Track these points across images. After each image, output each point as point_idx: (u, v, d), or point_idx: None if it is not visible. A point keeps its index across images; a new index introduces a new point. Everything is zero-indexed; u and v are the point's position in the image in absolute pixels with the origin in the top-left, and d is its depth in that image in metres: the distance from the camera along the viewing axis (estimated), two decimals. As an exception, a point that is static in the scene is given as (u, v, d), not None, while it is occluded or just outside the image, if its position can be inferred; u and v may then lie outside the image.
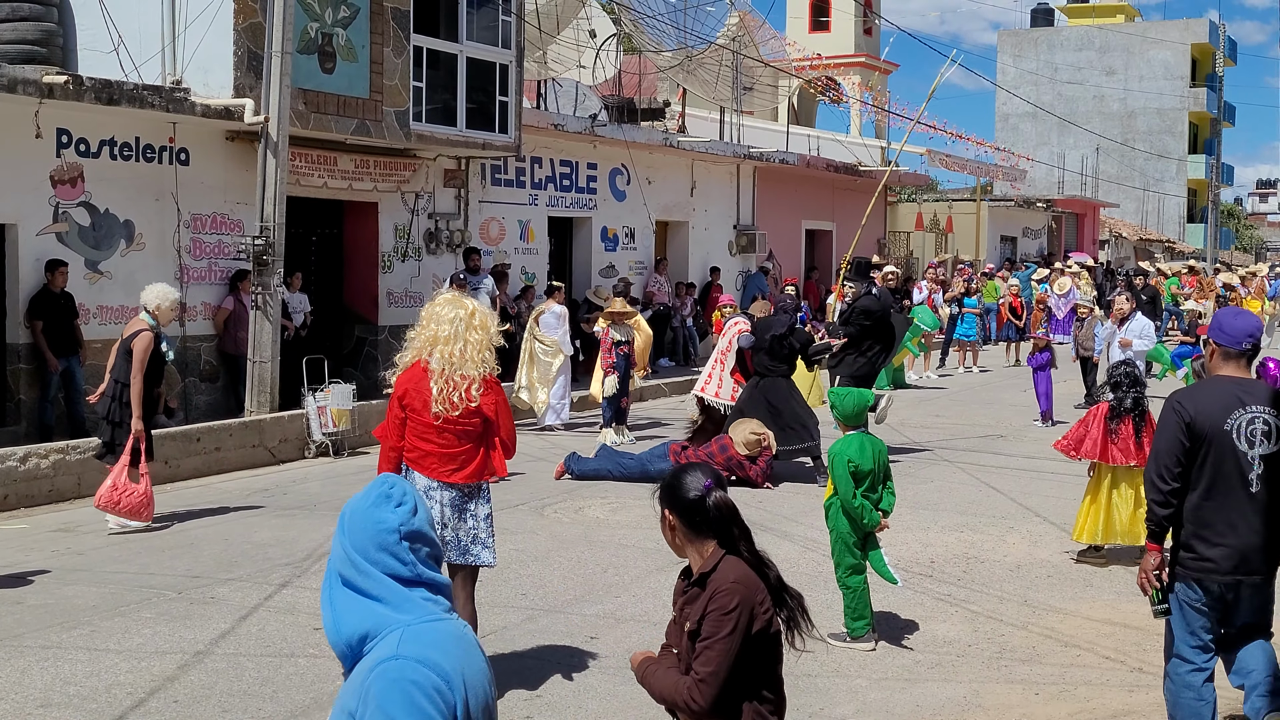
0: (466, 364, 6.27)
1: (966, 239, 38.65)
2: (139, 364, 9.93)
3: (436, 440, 6.31)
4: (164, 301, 10.27)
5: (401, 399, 6.37)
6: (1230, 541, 5.28)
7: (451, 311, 6.32)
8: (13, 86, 12.46)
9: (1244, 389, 5.39)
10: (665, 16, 25.40)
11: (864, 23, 51.27)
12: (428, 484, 6.32)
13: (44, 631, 7.45)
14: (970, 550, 9.78)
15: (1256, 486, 5.29)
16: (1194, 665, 5.41)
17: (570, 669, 6.92)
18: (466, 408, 6.28)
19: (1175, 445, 5.32)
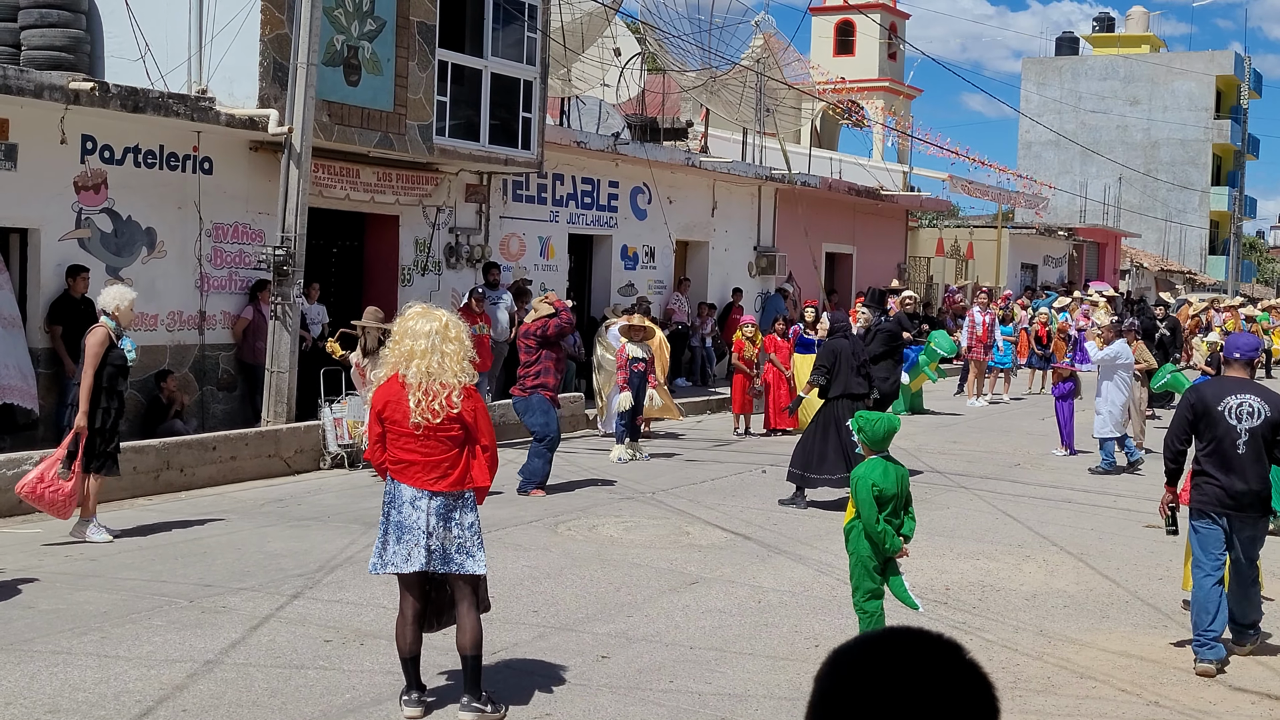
0: (445, 374, 6.31)
1: (987, 265, 38.57)
2: (90, 359, 9.82)
3: (419, 450, 6.34)
4: (122, 302, 10.12)
5: (381, 413, 6.42)
6: (1223, 484, 7.63)
7: (426, 324, 6.36)
8: (39, 92, 12.52)
9: (1239, 384, 7.84)
10: (690, 37, 25.42)
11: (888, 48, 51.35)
12: (414, 494, 6.34)
13: (54, 637, 7.43)
14: (986, 578, 9.70)
15: (1243, 449, 7.62)
16: (1206, 571, 7.69)
17: (581, 687, 6.87)
18: (448, 414, 6.32)
19: (1183, 420, 7.84)
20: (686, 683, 7.03)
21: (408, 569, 6.31)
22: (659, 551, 10.28)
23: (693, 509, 12.09)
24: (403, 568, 6.32)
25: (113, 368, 10.00)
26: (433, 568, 6.33)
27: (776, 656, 7.57)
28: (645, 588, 9.07)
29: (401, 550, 6.31)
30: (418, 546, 6.28)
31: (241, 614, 8.03)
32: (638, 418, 15.35)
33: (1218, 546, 7.71)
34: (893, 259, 32.80)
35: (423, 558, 6.28)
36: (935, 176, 36.51)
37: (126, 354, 10.12)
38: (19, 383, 12.95)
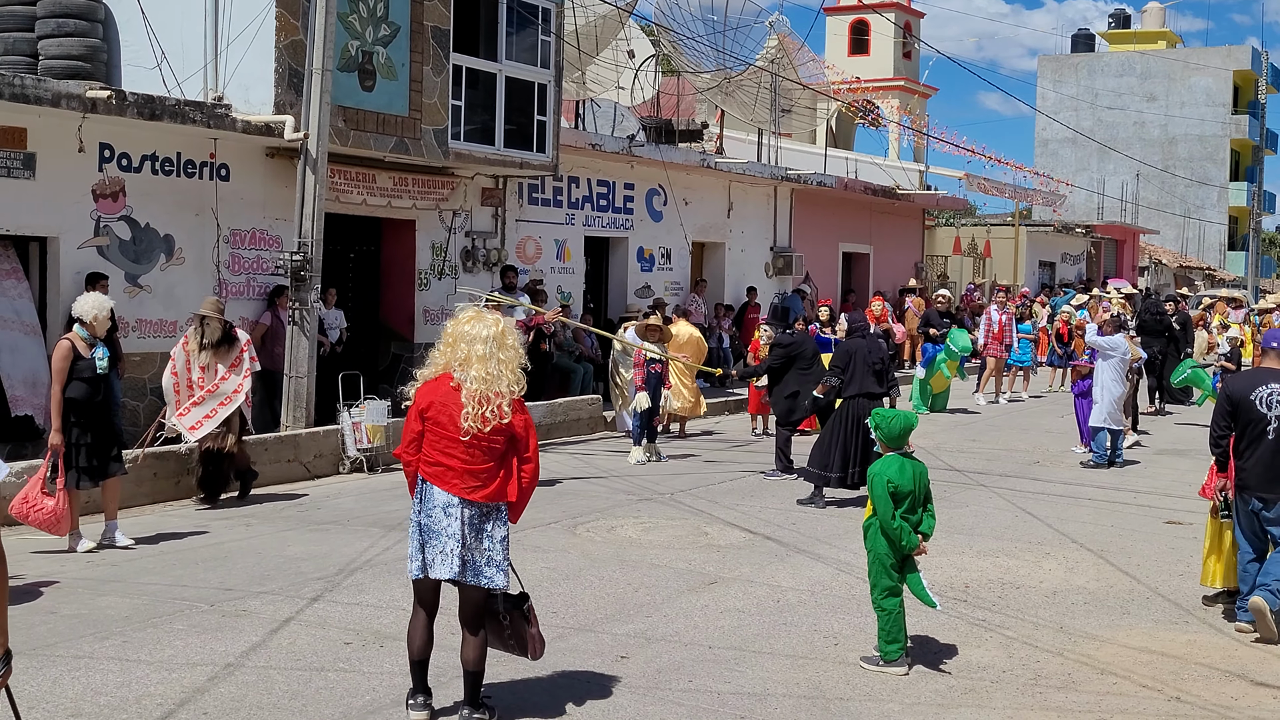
0: (500, 382, 6.18)
1: (1005, 264, 38.47)
2: (57, 373, 9.64)
3: (461, 456, 6.18)
4: (100, 312, 9.91)
5: (424, 411, 6.23)
6: (1257, 470, 8.28)
7: (485, 330, 6.23)
8: (57, 101, 12.59)
9: (1272, 374, 8.40)
10: (704, 38, 25.43)
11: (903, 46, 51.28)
12: (447, 500, 6.19)
13: (76, 641, 7.46)
14: (1006, 575, 9.68)
15: (1272, 435, 8.26)
16: (1246, 549, 8.46)
17: (600, 688, 6.88)
18: (498, 424, 6.17)
19: (1221, 411, 8.47)
20: (706, 682, 7.03)
21: (433, 575, 6.21)
22: (678, 552, 10.29)
23: (711, 509, 12.09)
24: (432, 573, 6.20)
25: (82, 379, 9.74)
26: (466, 578, 6.21)
27: (796, 655, 7.56)
28: (664, 588, 9.07)
29: (430, 555, 6.20)
30: (449, 554, 6.15)
31: (262, 617, 8.06)
32: (655, 419, 15.34)
33: (1256, 527, 8.39)
34: (910, 258, 32.75)
35: (457, 566, 6.15)
36: (952, 175, 36.43)
37: (98, 363, 9.83)
38: (26, 393, 13.05)
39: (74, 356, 9.69)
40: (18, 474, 10.93)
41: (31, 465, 11.06)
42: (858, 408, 12.26)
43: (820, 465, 12.43)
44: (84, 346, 9.78)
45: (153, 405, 14.14)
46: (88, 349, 9.79)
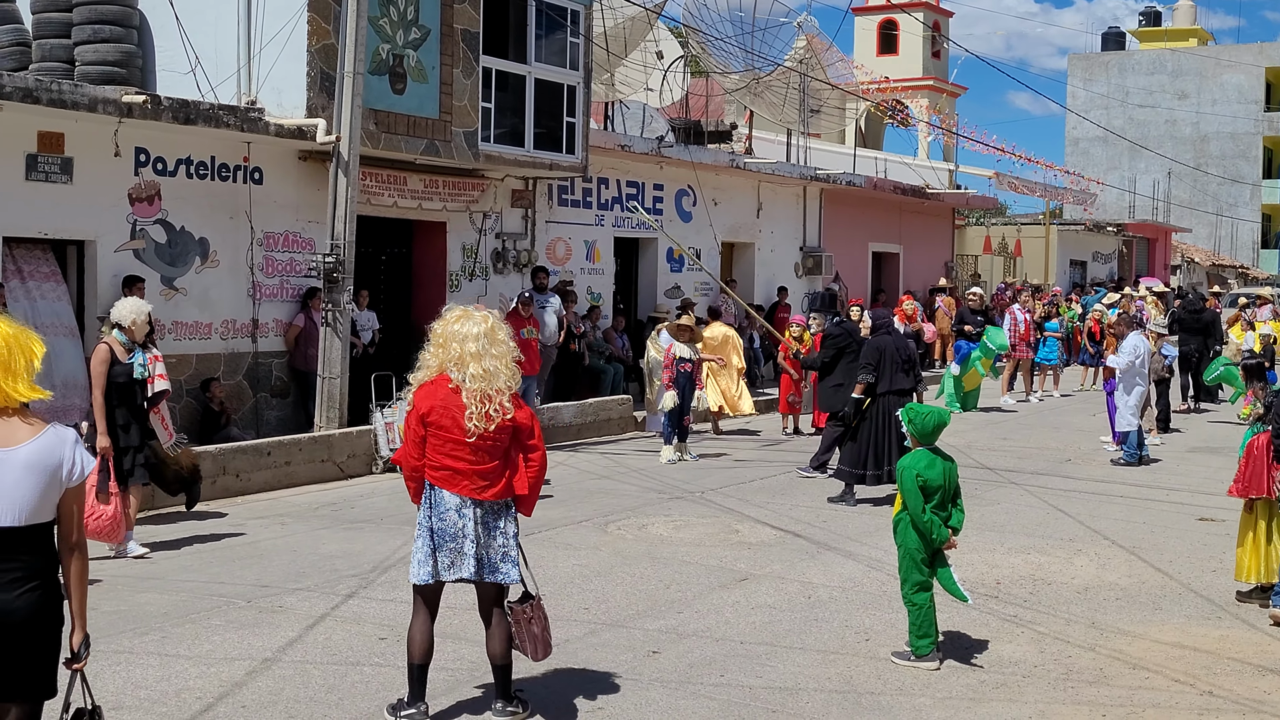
0: (499, 378, 6.17)
1: (1035, 263, 38.35)
2: (97, 377, 9.62)
3: (468, 458, 6.14)
4: (138, 316, 9.86)
5: (426, 416, 6.17)
6: None
7: (475, 327, 6.19)
8: (93, 106, 12.75)
9: None
10: (733, 39, 25.47)
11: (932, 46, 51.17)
12: (459, 501, 6.15)
13: (116, 637, 7.58)
14: (1037, 572, 9.69)
15: None
16: None
17: (632, 682, 6.94)
18: (501, 422, 6.15)
19: None
20: (737, 676, 7.08)
21: (450, 577, 6.18)
22: (708, 549, 10.34)
23: (742, 507, 12.13)
24: (443, 576, 6.18)
25: (120, 383, 9.71)
26: (482, 576, 6.22)
27: (827, 651, 7.60)
28: (695, 584, 9.12)
29: (443, 559, 6.16)
30: (464, 555, 6.14)
31: (298, 613, 8.16)
32: (685, 418, 15.39)
33: None
34: (940, 257, 32.69)
35: (472, 566, 6.15)
36: (982, 174, 36.36)
37: (136, 368, 9.81)
38: (62, 396, 13.19)
39: (111, 361, 9.68)
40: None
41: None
42: (888, 404, 12.28)
43: (852, 463, 12.46)
44: (121, 351, 9.74)
45: (189, 407, 14.30)
46: (125, 353, 9.75)
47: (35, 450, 4.27)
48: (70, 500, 4.37)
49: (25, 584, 4.26)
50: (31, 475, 4.25)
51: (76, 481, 4.36)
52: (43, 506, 4.30)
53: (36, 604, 4.27)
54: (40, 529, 4.32)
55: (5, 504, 4.22)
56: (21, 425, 4.31)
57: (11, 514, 4.24)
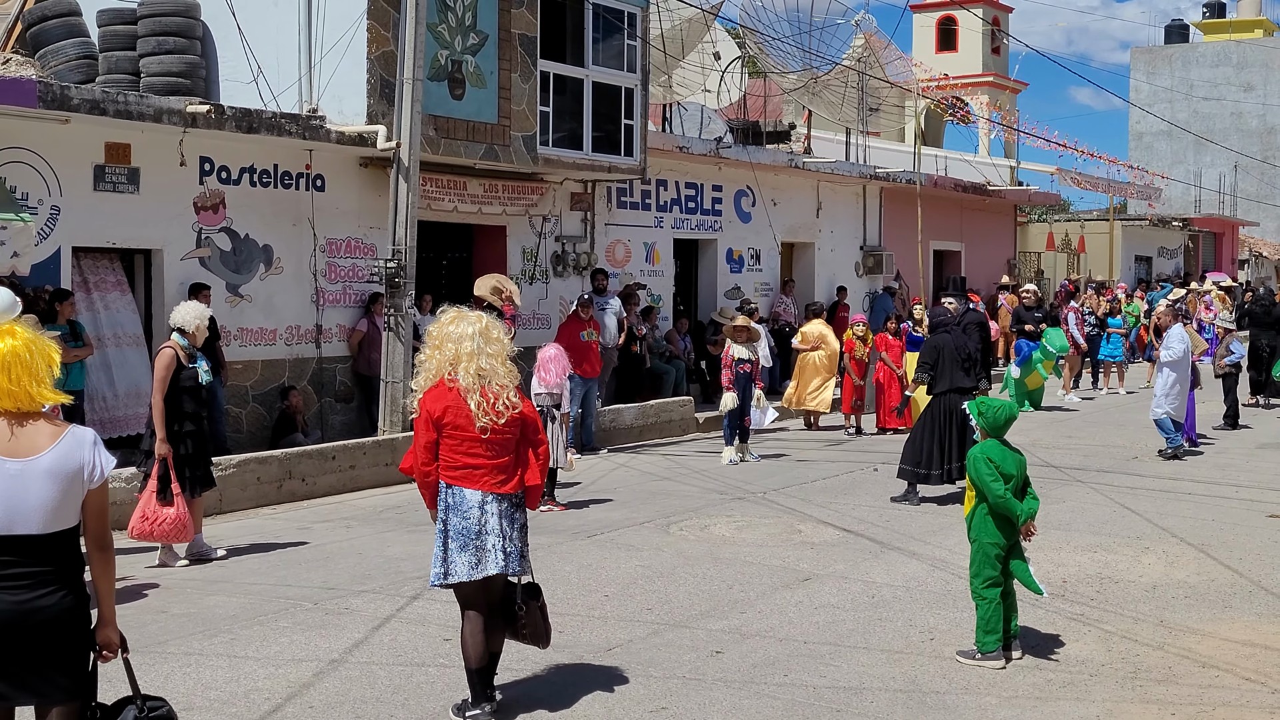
0: (497, 374, 6.28)
1: (1099, 259, 37.92)
2: (158, 381, 9.62)
3: (485, 454, 6.26)
4: (202, 321, 9.91)
5: (439, 418, 6.24)
6: None
7: (469, 327, 6.30)
8: (159, 116, 12.95)
9: None
10: (790, 39, 25.40)
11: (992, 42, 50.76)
12: (482, 498, 6.25)
13: (187, 639, 7.69)
14: (1104, 570, 9.59)
15: None
16: None
17: (696, 681, 6.94)
18: (511, 416, 6.28)
19: None
20: (801, 676, 7.07)
21: (477, 576, 6.24)
22: (771, 549, 10.32)
23: (804, 507, 12.10)
24: (470, 575, 6.24)
25: (184, 388, 9.71)
26: (510, 570, 6.32)
27: (891, 650, 7.57)
28: (758, 585, 9.11)
29: (468, 558, 6.23)
30: (491, 551, 6.23)
31: (364, 615, 8.24)
32: (745, 419, 15.37)
33: None
34: (1002, 255, 32.41)
35: (500, 562, 6.24)
36: (1043, 170, 36.00)
37: (201, 374, 9.84)
38: (128, 409, 13.42)
39: (177, 366, 9.70)
40: (127, 480, 11.26)
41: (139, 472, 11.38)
42: (949, 402, 12.22)
43: (914, 462, 12.39)
44: (185, 356, 9.76)
45: (255, 413, 14.49)
46: (189, 358, 9.79)
47: (56, 457, 4.32)
48: (93, 501, 4.43)
49: (51, 587, 4.31)
50: (54, 483, 4.31)
51: (98, 482, 4.41)
52: (66, 512, 4.36)
53: (63, 606, 4.33)
54: (64, 534, 4.38)
55: (30, 513, 4.28)
56: (42, 430, 4.36)
57: (37, 522, 4.29)
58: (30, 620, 4.27)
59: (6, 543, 4.27)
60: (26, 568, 4.29)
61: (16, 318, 4.44)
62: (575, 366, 14.90)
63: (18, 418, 4.33)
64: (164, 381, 9.62)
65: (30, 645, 4.29)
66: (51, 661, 4.34)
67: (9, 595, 4.26)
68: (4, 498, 4.26)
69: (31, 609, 4.27)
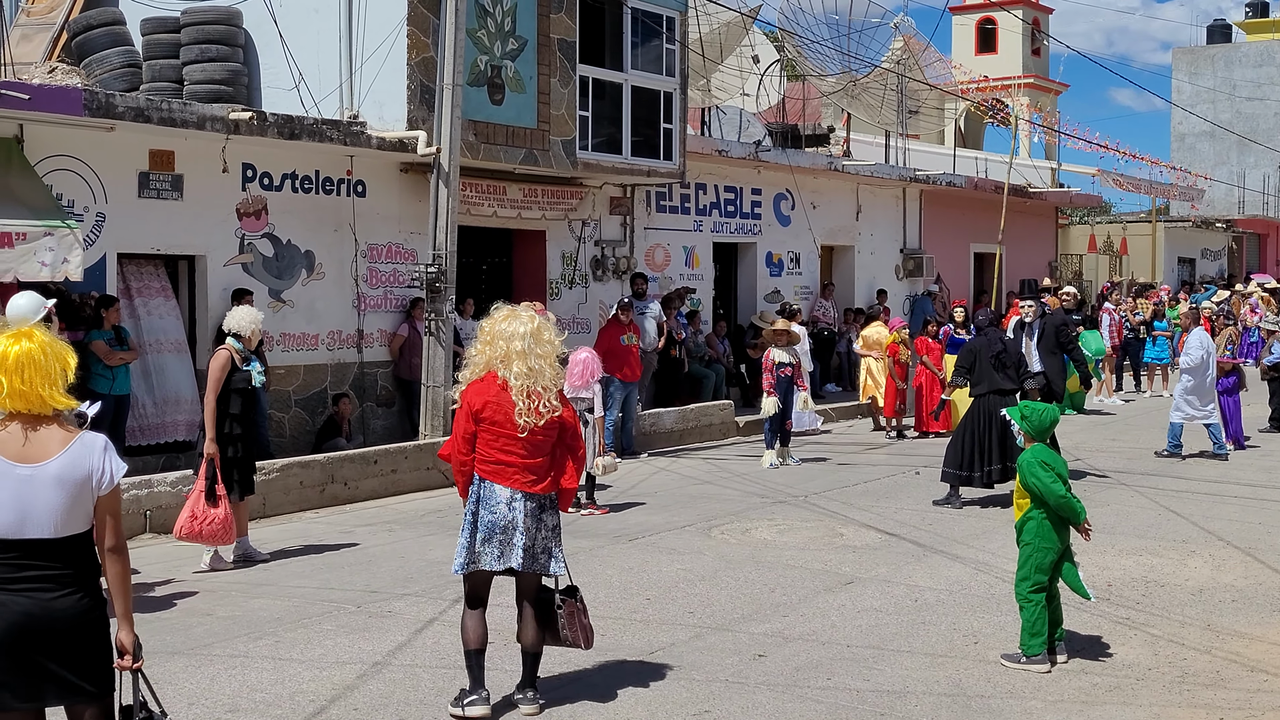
0: (544, 376, 6.33)
1: (1142, 261, 37.62)
2: (212, 383, 9.70)
3: (519, 453, 6.33)
4: (256, 325, 9.98)
5: (479, 412, 6.33)
6: None
7: (521, 326, 6.35)
8: (202, 123, 13.05)
9: None
10: (829, 42, 25.34)
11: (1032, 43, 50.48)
12: (510, 495, 6.34)
13: (231, 642, 7.74)
14: (1149, 574, 9.51)
15: None
16: None
17: (739, 685, 6.93)
18: (550, 418, 6.33)
19: None
20: (844, 680, 7.04)
21: (499, 567, 6.37)
22: (813, 553, 10.29)
23: (845, 511, 12.06)
24: (494, 566, 6.36)
25: (237, 391, 9.80)
26: (526, 567, 6.40)
27: (935, 654, 7.53)
28: (800, 588, 9.09)
29: (492, 549, 6.35)
30: (513, 546, 6.33)
31: (406, 618, 8.27)
32: (786, 422, 15.33)
33: None
34: (1043, 257, 32.21)
35: (520, 557, 6.34)
36: (1085, 172, 35.74)
37: (255, 376, 9.92)
38: (167, 416, 13.53)
39: (231, 368, 9.80)
40: (171, 484, 11.37)
41: (184, 475, 11.49)
42: (989, 405, 12.16)
43: (956, 464, 12.34)
44: (239, 359, 9.85)
45: (297, 417, 14.58)
46: (242, 362, 9.87)
47: (64, 464, 4.36)
48: (104, 507, 4.46)
49: (65, 589, 4.36)
50: (62, 489, 4.35)
51: (108, 489, 4.45)
52: (76, 517, 4.40)
53: (77, 608, 4.37)
54: (77, 539, 4.42)
55: (39, 518, 4.33)
56: (54, 436, 4.40)
57: (47, 526, 4.34)
58: (47, 622, 4.32)
59: (20, 546, 4.34)
60: (42, 570, 4.34)
61: (43, 323, 4.48)
62: (615, 370, 14.94)
63: (31, 422, 4.38)
64: (218, 383, 9.72)
65: (50, 646, 4.35)
66: (73, 662, 4.39)
67: (25, 597, 4.32)
68: (14, 502, 4.32)
69: (48, 611, 4.32)
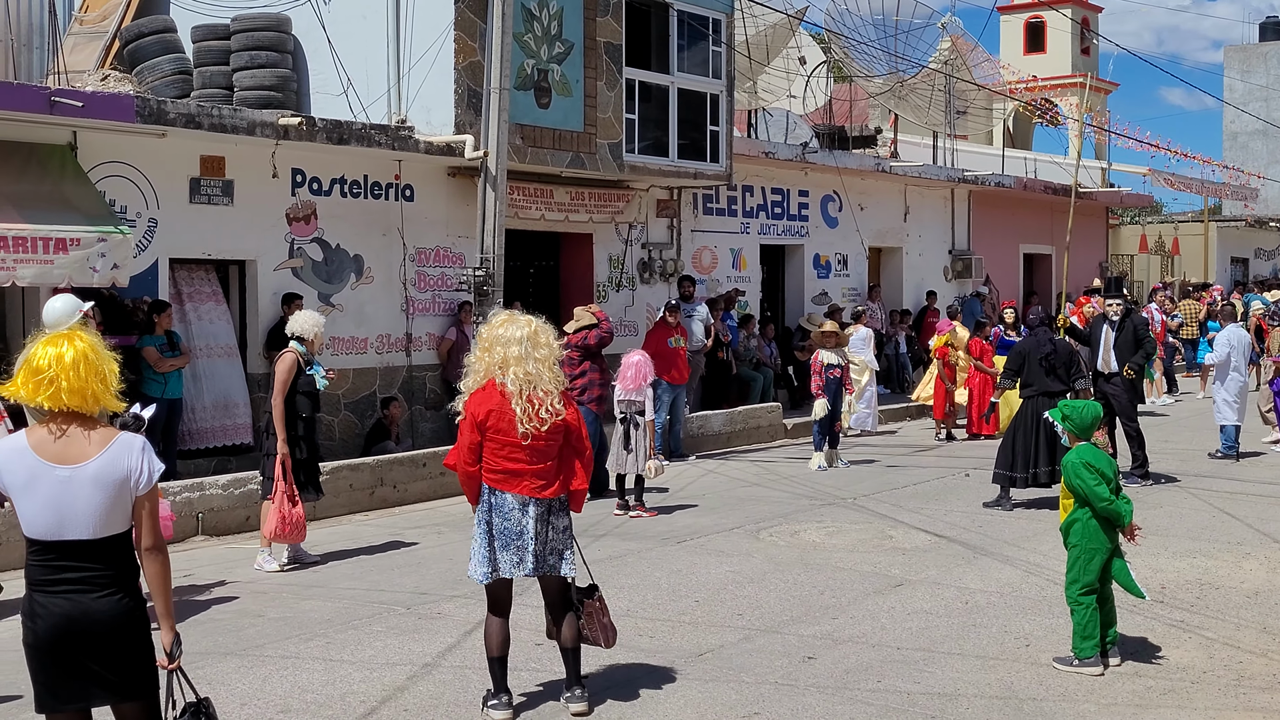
0: (543, 380, 6.30)
1: (1194, 261, 37.21)
2: (279, 385, 9.80)
3: (525, 459, 6.31)
4: (319, 328, 10.08)
5: (483, 421, 6.31)
6: None
7: (517, 331, 6.32)
8: (252, 129, 13.16)
9: None
10: (876, 43, 25.23)
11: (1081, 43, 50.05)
12: (522, 501, 6.35)
13: (283, 643, 7.80)
14: (1204, 576, 9.40)
15: None
16: None
17: (788, 687, 6.91)
18: (554, 423, 6.31)
19: None
20: (895, 682, 7.00)
21: (520, 573, 6.39)
22: (862, 555, 10.25)
23: (895, 513, 12.00)
24: (513, 572, 6.39)
25: (302, 393, 9.93)
26: (540, 571, 6.44)
27: (986, 656, 7.47)
28: (849, 590, 9.05)
29: (511, 556, 6.37)
30: (527, 552, 6.35)
31: (456, 620, 8.29)
32: (835, 424, 15.27)
33: None
34: (1094, 258, 31.92)
35: (532, 562, 6.37)
36: (1135, 171, 35.38)
37: (318, 379, 10.03)
38: (214, 421, 13.65)
39: (296, 371, 9.88)
40: (223, 486, 11.48)
41: (236, 479, 11.59)
42: (1037, 406, 12.08)
43: (1006, 466, 12.26)
44: (304, 361, 9.97)
45: (346, 421, 14.67)
46: (307, 364, 9.99)
47: (103, 464, 4.41)
48: (141, 507, 4.51)
49: (105, 589, 4.41)
50: (100, 489, 4.40)
51: (146, 489, 4.49)
52: (115, 517, 4.45)
53: (117, 608, 4.42)
54: (117, 539, 4.47)
55: (79, 518, 4.38)
56: (93, 437, 4.44)
57: (86, 528, 4.39)
58: (88, 623, 4.38)
59: (60, 547, 4.39)
60: (81, 572, 4.40)
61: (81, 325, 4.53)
62: (663, 373, 14.92)
63: (72, 422, 4.43)
64: (285, 385, 9.83)
65: (92, 647, 4.40)
66: (115, 662, 4.44)
67: (66, 598, 4.38)
68: (54, 503, 4.37)
69: (88, 612, 4.38)
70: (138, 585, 4.53)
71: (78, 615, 4.37)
